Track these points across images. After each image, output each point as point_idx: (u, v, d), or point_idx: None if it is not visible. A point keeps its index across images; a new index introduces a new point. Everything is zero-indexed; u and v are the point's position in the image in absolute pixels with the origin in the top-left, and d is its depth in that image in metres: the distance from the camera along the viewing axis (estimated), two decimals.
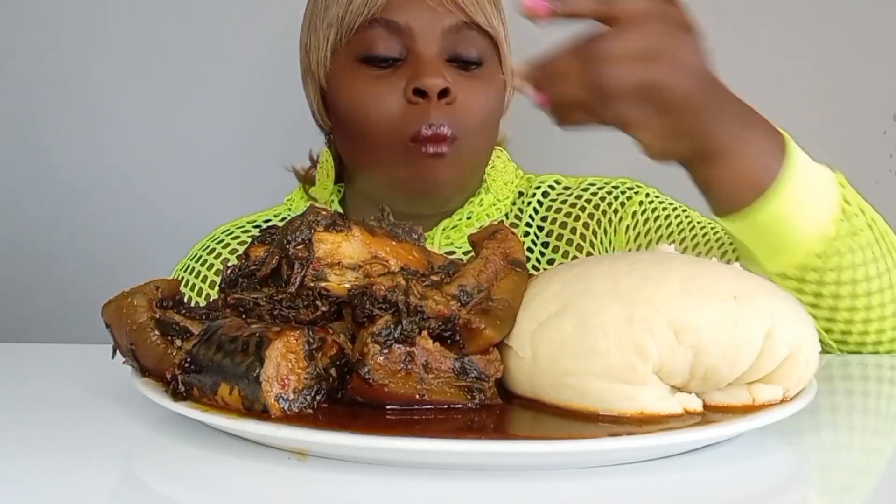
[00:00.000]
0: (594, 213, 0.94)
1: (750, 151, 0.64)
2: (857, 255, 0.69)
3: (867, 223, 0.70)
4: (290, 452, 0.45)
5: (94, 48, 1.37)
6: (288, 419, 0.45)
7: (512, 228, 0.63)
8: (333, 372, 0.47)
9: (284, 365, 0.46)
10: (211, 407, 0.46)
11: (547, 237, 0.95)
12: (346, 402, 0.47)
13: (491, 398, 0.48)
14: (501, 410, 0.48)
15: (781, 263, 0.68)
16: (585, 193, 0.96)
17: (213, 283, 0.92)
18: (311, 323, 0.50)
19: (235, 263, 0.55)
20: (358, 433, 0.42)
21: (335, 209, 0.95)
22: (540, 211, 0.97)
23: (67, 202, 1.39)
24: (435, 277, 0.51)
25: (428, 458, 0.42)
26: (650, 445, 0.43)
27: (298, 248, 0.51)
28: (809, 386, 0.50)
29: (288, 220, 0.53)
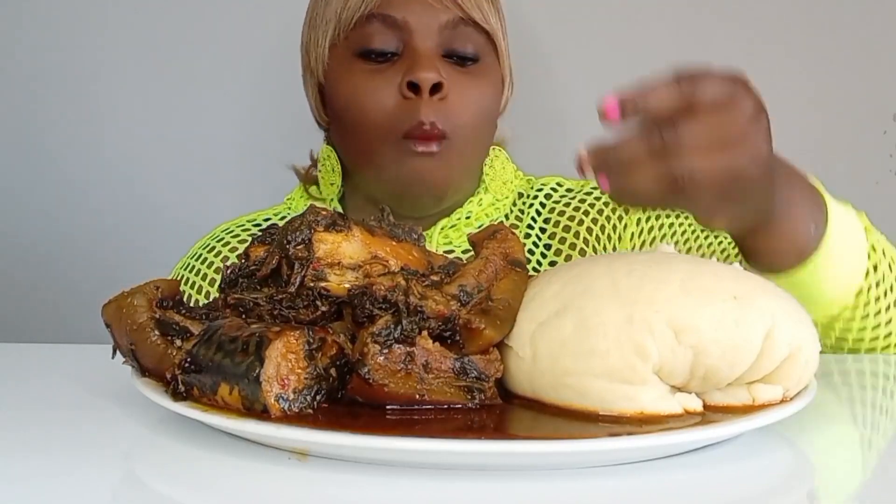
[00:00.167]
0: (598, 218, 0.94)
1: (796, 216, 0.64)
2: (881, 301, 0.71)
3: (888, 265, 0.72)
4: (290, 452, 0.45)
5: (94, 47, 1.37)
6: (288, 419, 0.45)
7: (512, 229, 0.63)
8: (333, 372, 0.47)
9: (284, 365, 0.46)
10: (211, 407, 0.46)
11: (549, 239, 0.94)
12: (346, 402, 0.47)
13: (491, 398, 0.48)
14: (501, 410, 0.48)
15: (813, 314, 0.70)
16: (589, 198, 0.96)
17: (213, 280, 0.93)
18: (311, 323, 0.50)
19: (235, 263, 0.55)
20: (358, 433, 0.42)
21: (335, 207, 0.95)
22: (542, 213, 0.96)
23: (68, 201, 1.39)
24: (435, 277, 0.51)
25: (428, 458, 0.42)
26: (650, 445, 0.43)
27: (298, 248, 0.51)
28: (809, 386, 0.50)
29: (288, 219, 0.53)
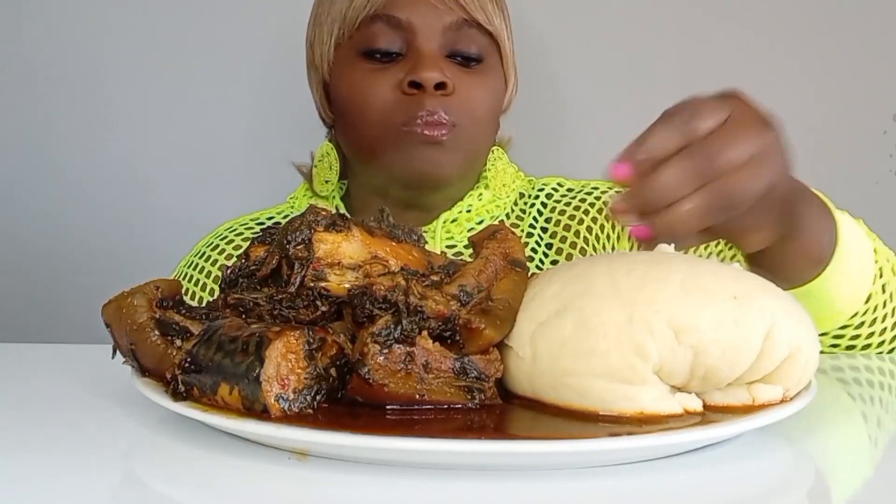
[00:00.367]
0: (597, 217, 0.95)
1: (813, 223, 0.64)
2: (888, 306, 0.72)
3: (891, 269, 0.73)
4: (290, 452, 0.45)
5: (97, 47, 1.37)
6: (288, 419, 0.44)
7: (512, 229, 0.63)
8: (333, 372, 0.47)
9: (284, 365, 0.46)
10: (211, 407, 0.46)
11: (550, 239, 0.95)
12: (346, 402, 0.47)
13: (491, 398, 0.48)
14: (501, 410, 0.48)
15: (824, 325, 0.71)
16: (589, 197, 0.97)
17: (217, 277, 0.93)
18: (311, 323, 0.50)
19: (235, 263, 0.55)
20: (358, 433, 0.42)
21: (337, 205, 0.96)
22: (544, 213, 0.97)
23: (69, 201, 1.39)
24: (435, 277, 0.51)
25: (428, 458, 0.42)
26: (650, 445, 0.43)
27: (298, 248, 0.51)
28: (809, 386, 0.50)
29: (288, 219, 0.53)
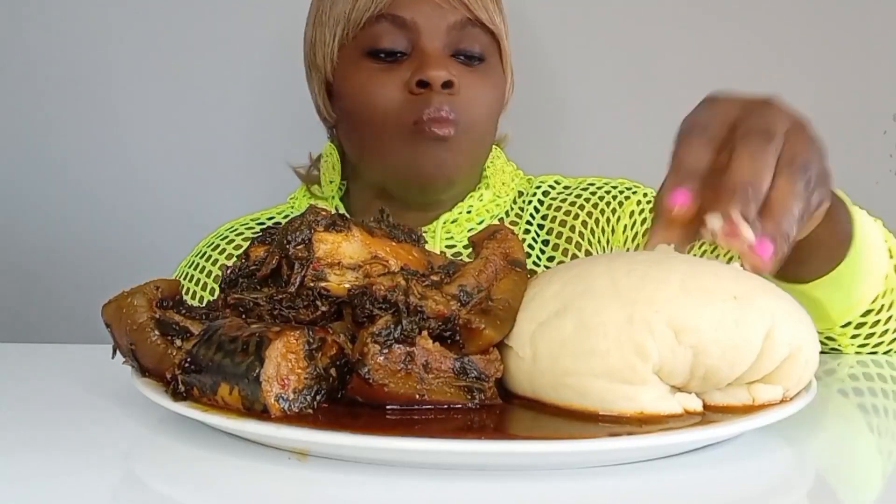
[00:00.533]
0: (592, 211, 0.95)
1: (835, 200, 0.64)
2: None
3: None
4: (290, 452, 0.45)
5: (98, 47, 1.37)
6: (288, 419, 0.44)
7: (512, 228, 0.63)
8: (333, 372, 0.47)
9: (284, 365, 0.45)
10: (211, 407, 0.46)
11: (547, 235, 0.96)
12: (346, 402, 0.47)
13: (491, 398, 0.48)
14: (501, 410, 0.48)
15: (853, 313, 0.71)
16: (585, 193, 0.98)
17: (217, 277, 0.94)
18: (311, 323, 0.50)
19: (235, 263, 0.55)
20: (358, 433, 0.42)
21: (336, 206, 0.96)
22: (541, 210, 0.98)
23: (70, 201, 1.39)
24: (435, 277, 0.51)
25: (428, 458, 0.42)
26: (650, 445, 0.43)
27: (298, 248, 0.51)
28: (809, 386, 0.50)
29: (288, 219, 0.53)
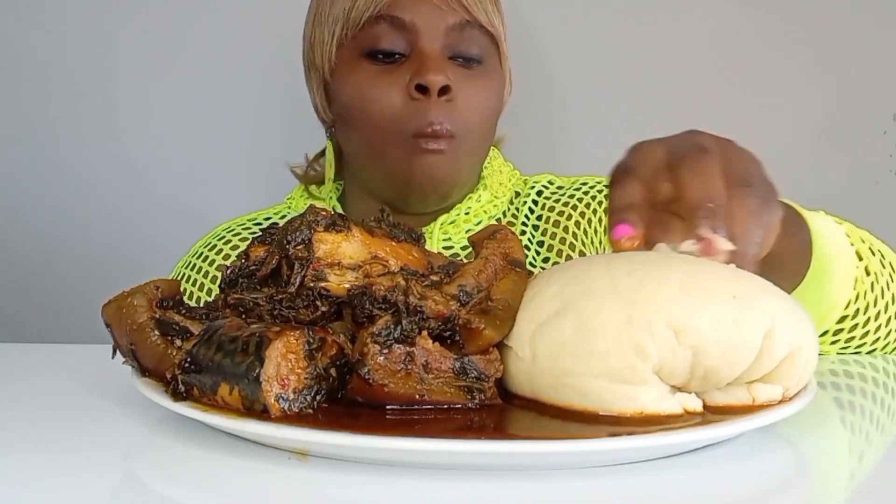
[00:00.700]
0: (585, 211, 0.96)
1: (786, 215, 0.63)
2: (875, 289, 0.72)
3: (868, 249, 0.73)
4: (290, 452, 0.45)
5: (98, 47, 1.37)
6: (288, 419, 0.44)
7: (511, 229, 0.63)
8: (333, 372, 0.47)
9: (284, 365, 0.46)
10: (211, 407, 0.46)
11: (542, 236, 0.96)
12: (346, 402, 0.47)
13: (491, 398, 0.48)
14: (501, 410, 0.48)
15: (827, 321, 0.71)
16: (578, 192, 0.98)
17: (214, 278, 0.94)
18: (311, 323, 0.50)
19: (235, 263, 0.55)
20: (358, 433, 0.42)
21: (334, 206, 0.95)
22: (535, 210, 0.98)
23: (69, 201, 1.39)
24: (435, 277, 0.51)
25: (428, 458, 0.42)
26: (650, 445, 0.43)
27: (298, 248, 0.51)
28: (809, 386, 0.50)
29: (288, 219, 0.53)
